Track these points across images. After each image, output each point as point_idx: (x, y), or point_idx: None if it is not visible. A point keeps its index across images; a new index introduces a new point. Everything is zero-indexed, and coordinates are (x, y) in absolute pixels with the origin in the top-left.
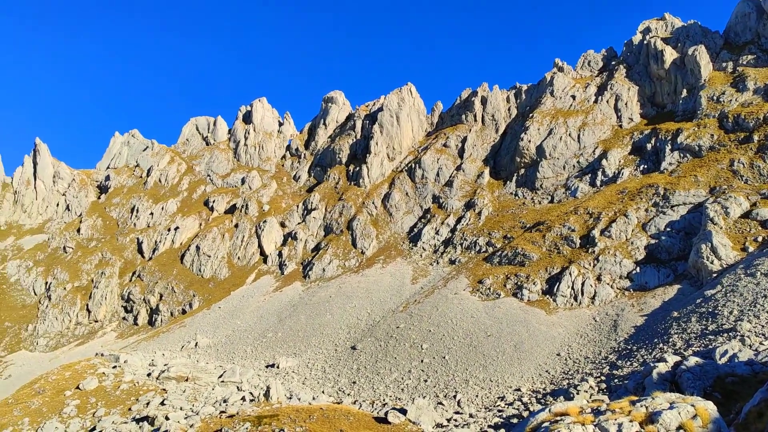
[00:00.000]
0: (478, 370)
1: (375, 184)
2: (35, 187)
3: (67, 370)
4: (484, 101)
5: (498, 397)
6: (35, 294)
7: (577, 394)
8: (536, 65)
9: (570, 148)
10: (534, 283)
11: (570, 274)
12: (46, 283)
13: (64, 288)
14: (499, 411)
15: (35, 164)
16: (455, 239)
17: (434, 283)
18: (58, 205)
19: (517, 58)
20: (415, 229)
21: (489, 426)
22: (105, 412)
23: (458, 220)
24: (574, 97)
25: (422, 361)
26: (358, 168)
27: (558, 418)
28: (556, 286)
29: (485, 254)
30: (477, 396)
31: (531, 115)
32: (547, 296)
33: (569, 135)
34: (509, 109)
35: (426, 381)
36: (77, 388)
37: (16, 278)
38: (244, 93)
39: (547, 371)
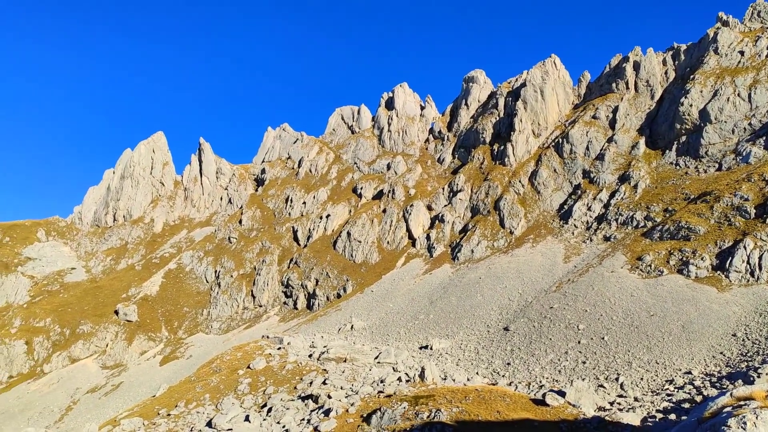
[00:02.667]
0: (641, 352)
1: (521, 162)
2: (201, 183)
3: (239, 351)
4: (636, 66)
5: (666, 381)
6: (207, 281)
7: (758, 377)
8: (695, 23)
9: (739, 110)
10: (702, 259)
11: (745, 247)
12: (216, 271)
13: (231, 276)
14: (668, 395)
15: (200, 162)
16: (609, 215)
17: (588, 262)
18: (221, 199)
19: (674, 16)
20: (565, 207)
21: (657, 410)
22: (273, 390)
23: (612, 195)
24: (742, 53)
25: (579, 342)
26: (502, 147)
27: (741, 402)
28: (728, 261)
29: (643, 229)
30: (642, 379)
31: (692, 76)
32: (718, 272)
33: (738, 95)
34: (666, 73)
35: (584, 363)
36: (248, 367)
37: (191, 267)
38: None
39: (721, 353)
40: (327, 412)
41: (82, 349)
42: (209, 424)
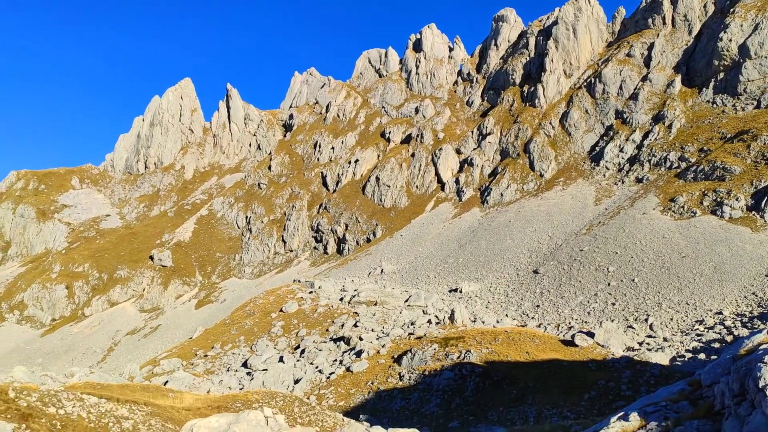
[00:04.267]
0: (671, 293)
1: (551, 104)
2: (230, 130)
3: (271, 295)
4: (674, 0)
5: (696, 321)
6: (238, 227)
7: None
8: None
9: None
10: (737, 199)
11: None
12: (246, 217)
13: (262, 221)
14: (698, 335)
15: (228, 108)
16: (642, 156)
17: (619, 204)
18: (250, 145)
19: None
20: (597, 148)
21: (686, 350)
22: (306, 333)
23: (645, 135)
24: None
25: (609, 284)
26: (532, 88)
27: None
28: (764, 201)
29: (677, 170)
30: (672, 319)
31: (732, 9)
32: (753, 212)
33: None
34: (705, 6)
35: (614, 304)
36: (281, 310)
37: (222, 214)
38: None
39: (753, 293)
40: (359, 354)
41: (120, 293)
42: (245, 365)
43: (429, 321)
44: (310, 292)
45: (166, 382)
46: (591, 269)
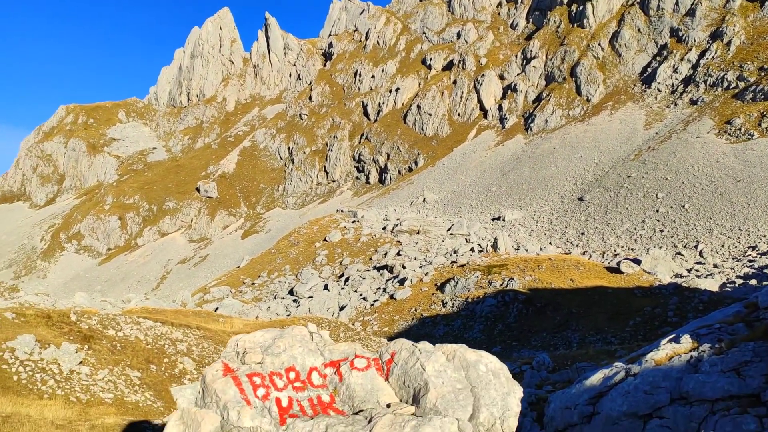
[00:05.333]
0: (724, 219)
1: (601, 23)
2: (269, 60)
3: (315, 225)
4: None
5: (748, 247)
6: (281, 158)
7: None
8: None
9: None
10: None
11: None
12: (288, 148)
13: (304, 152)
14: (750, 261)
15: (267, 38)
16: (697, 76)
17: (671, 128)
18: (290, 75)
19: None
20: (649, 69)
21: (737, 276)
22: (350, 261)
23: (701, 54)
24: None
25: (657, 210)
26: (581, 7)
27: None
28: None
29: (735, 90)
30: (723, 246)
31: None
32: None
33: None
34: None
35: (662, 231)
36: (324, 240)
37: (264, 145)
38: None
39: None
40: (402, 282)
41: (170, 224)
42: (291, 293)
43: (472, 249)
44: (353, 222)
45: (217, 308)
46: (639, 196)
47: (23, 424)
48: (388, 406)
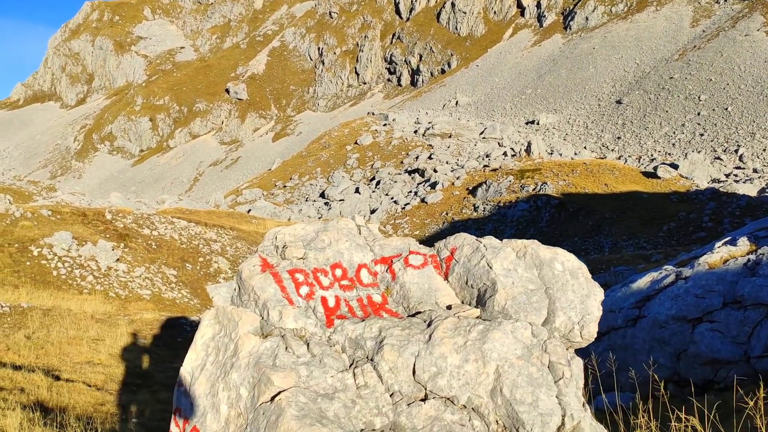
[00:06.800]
0: (767, 122)
1: None
2: None
3: (346, 128)
4: None
5: None
6: (311, 59)
7: None
8: None
9: None
10: None
11: None
12: (318, 48)
13: (334, 53)
14: None
15: None
16: None
17: (719, 25)
18: None
19: None
20: None
21: None
22: (381, 165)
23: None
24: None
25: (699, 114)
26: None
27: None
28: None
29: None
30: (764, 150)
31: None
32: None
33: None
34: None
35: (702, 135)
36: (355, 143)
37: (294, 45)
38: None
39: None
40: (433, 185)
41: (201, 126)
42: (322, 195)
43: (504, 153)
44: (384, 125)
45: (249, 210)
46: (680, 98)
47: (64, 318)
48: (449, 308)
